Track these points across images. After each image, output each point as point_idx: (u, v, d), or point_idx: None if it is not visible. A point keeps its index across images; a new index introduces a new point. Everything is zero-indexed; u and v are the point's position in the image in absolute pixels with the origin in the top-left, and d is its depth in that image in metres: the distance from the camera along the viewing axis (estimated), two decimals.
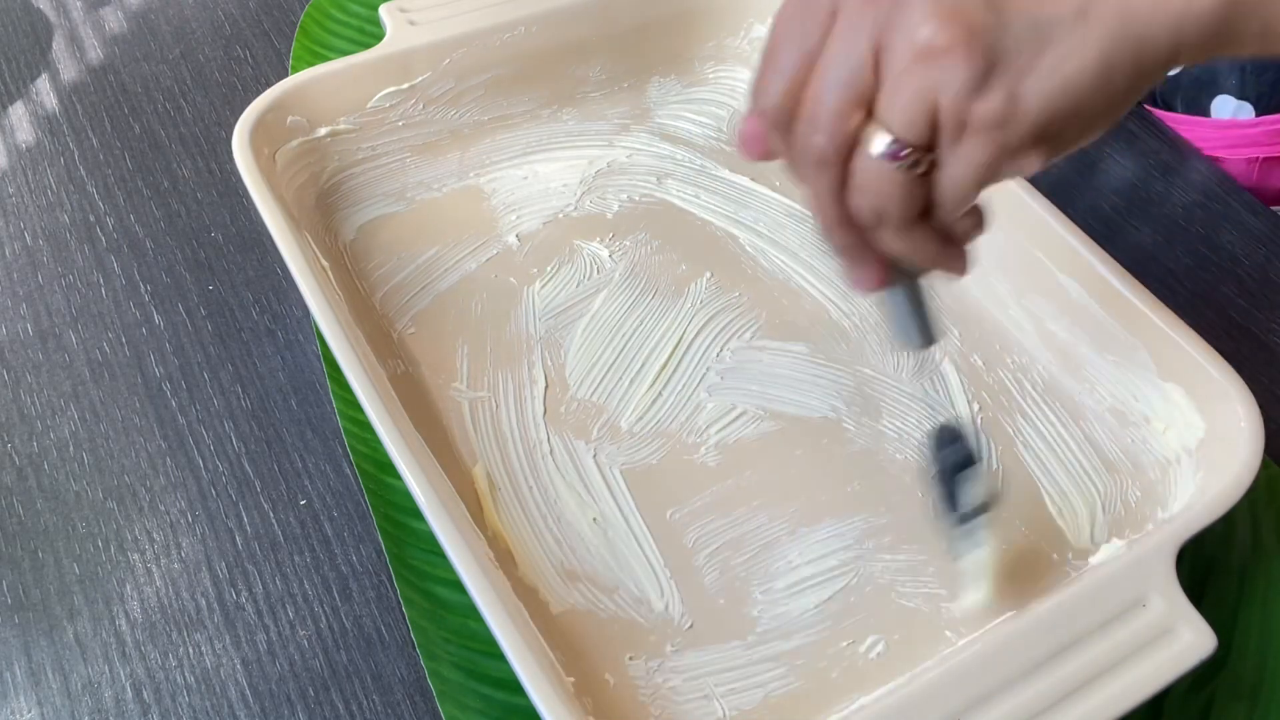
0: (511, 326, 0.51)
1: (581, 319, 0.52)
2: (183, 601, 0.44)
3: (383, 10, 0.56)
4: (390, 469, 0.46)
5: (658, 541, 0.44)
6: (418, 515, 0.42)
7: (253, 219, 0.57)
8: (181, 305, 0.54)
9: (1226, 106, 0.63)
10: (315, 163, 0.54)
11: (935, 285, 0.36)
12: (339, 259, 0.53)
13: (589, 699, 0.38)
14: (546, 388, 0.49)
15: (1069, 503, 0.46)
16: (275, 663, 0.43)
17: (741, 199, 0.57)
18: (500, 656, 0.36)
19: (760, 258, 0.55)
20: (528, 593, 0.42)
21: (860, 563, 0.44)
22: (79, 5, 0.70)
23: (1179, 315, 0.45)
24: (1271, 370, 0.53)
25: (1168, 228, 0.59)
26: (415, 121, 0.57)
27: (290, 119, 0.53)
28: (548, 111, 0.60)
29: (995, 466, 0.47)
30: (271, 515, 0.47)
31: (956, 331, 0.52)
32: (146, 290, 0.54)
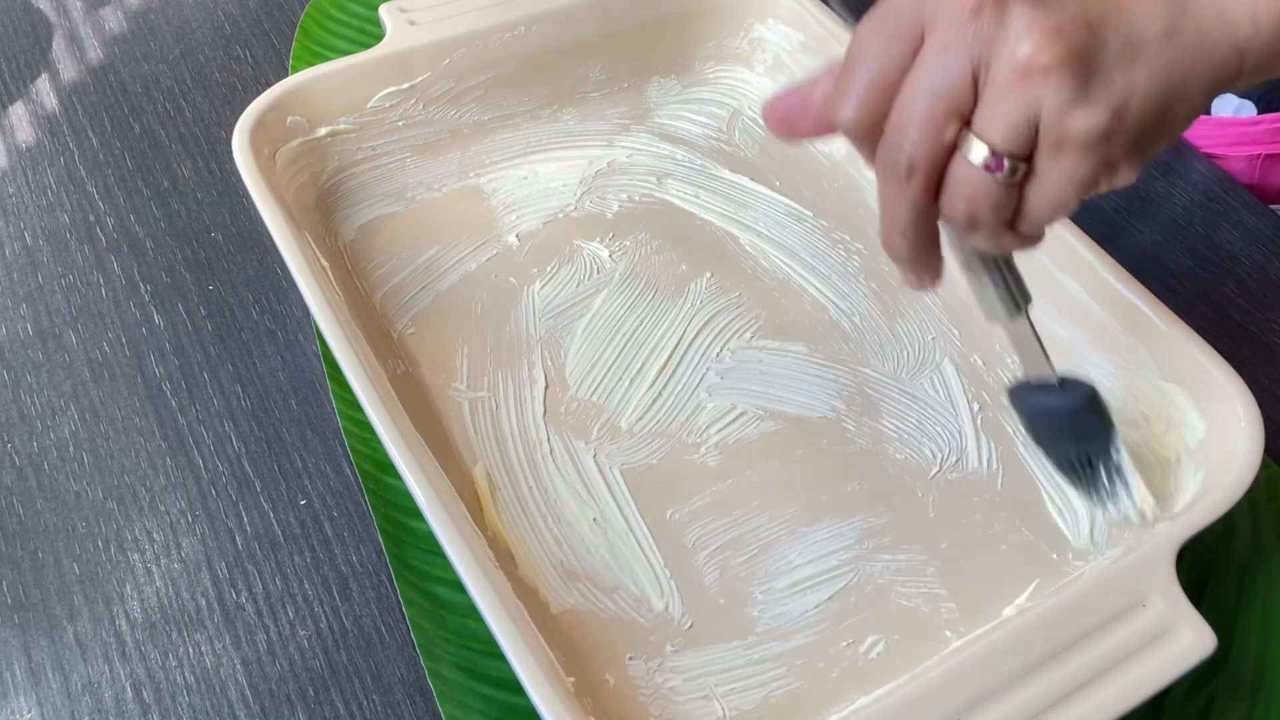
0: (511, 326, 0.51)
1: (581, 319, 0.52)
2: (183, 601, 0.44)
3: (383, 10, 0.56)
4: (390, 469, 0.46)
5: (658, 541, 0.44)
6: (418, 515, 0.42)
7: (253, 219, 0.57)
8: (181, 305, 0.54)
9: (1228, 104, 0.63)
10: (315, 163, 0.54)
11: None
12: (339, 259, 0.53)
13: (589, 699, 0.38)
14: (546, 388, 0.49)
15: (1069, 503, 0.46)
16: (275, 663, 0.43)
17: (741, 199, 0.57)
18: (500, 656, 0.36)
19: (760, 258, 0.55)
20: (528, 593, 0.42)
21: (860, 563, 0.44)
22: (79, 5, 0.70)
23: (1179, 315, 0.45)
24: (1271, 370, 0.53)
25: (1168, 228, 0.59)
26: (415, 121, 0.57)
27: (290, 119, 0.53)
28: (548, 111, 0.60)
29: (993, 466, 0.47)
30: (271, 515, 0.47)
31: (956, 332, 0.52)
32: (146, 290, 0.54)
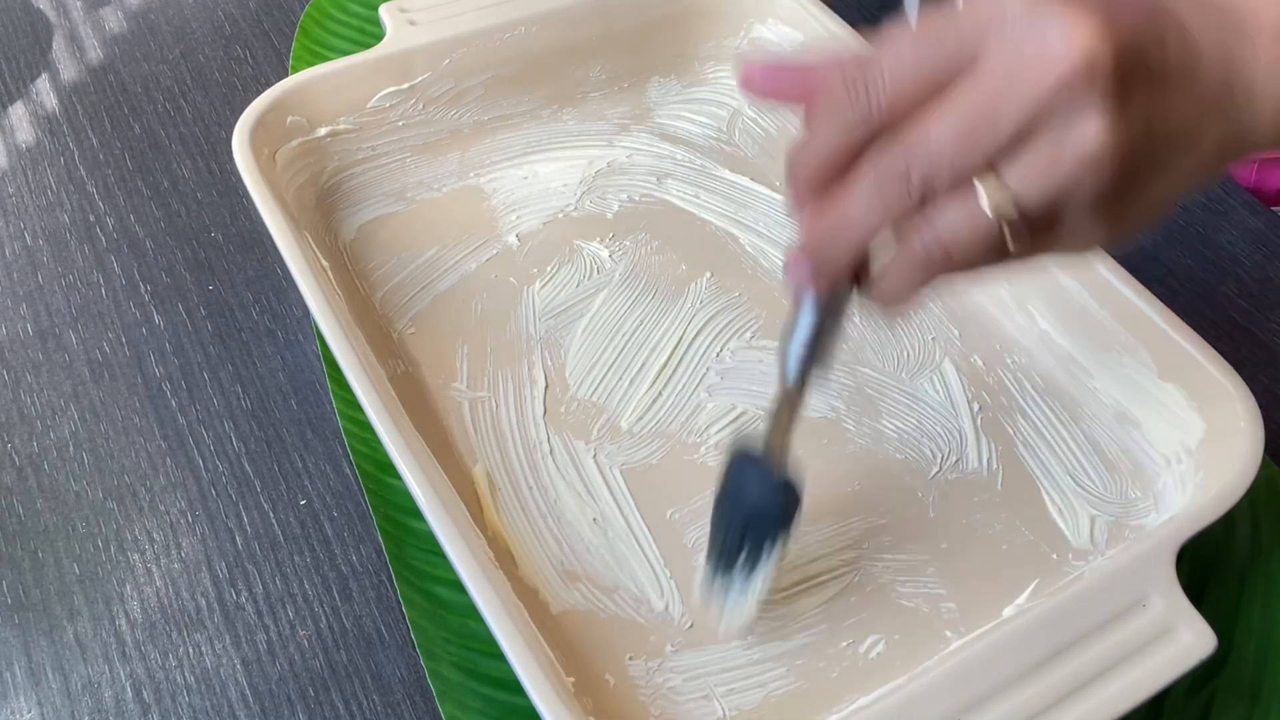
0: (511, 326, 0.51)
1: (581, 319, 0.52)
2: (183, 601, 0.44)
3: (383, 10, 0.56)
4: (390, 469, 0.46)
5: (658, 541, 0.44)
6: (418, 515, 0.42)
7: (253, 219, 0.57)
8: (181, 305, 0.54)
9: None
10: (315, 163, 0.54)
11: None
12: (339, 259, 0.53)
13: (589, 699, 0.38)
14: (546, 388, 0.49)
15: (1069, 503, 0.46)
16: (275, 663, 0.43)
17: (741, 199, 0.57)
18: (500, 656, 0.36)
19: (760, 258, 0.55)
20: (528, 593, 0.42)
21: (860, 563, 0.44)
22: (79, 5, 0.70)
23: (1179, 315, 0.45)
24: (1271, 370, 0.53)
25: (1168, 228, 0.59)
26: (415, 121, 0.57)
27: (290, 119, 0.53)
28: (548, 111, 0.60)
29: (993, 466, 0.47)
30: (271, 515, 0.47)
31: (956, 332, 0.52)
32: (146, 290, 0.54)
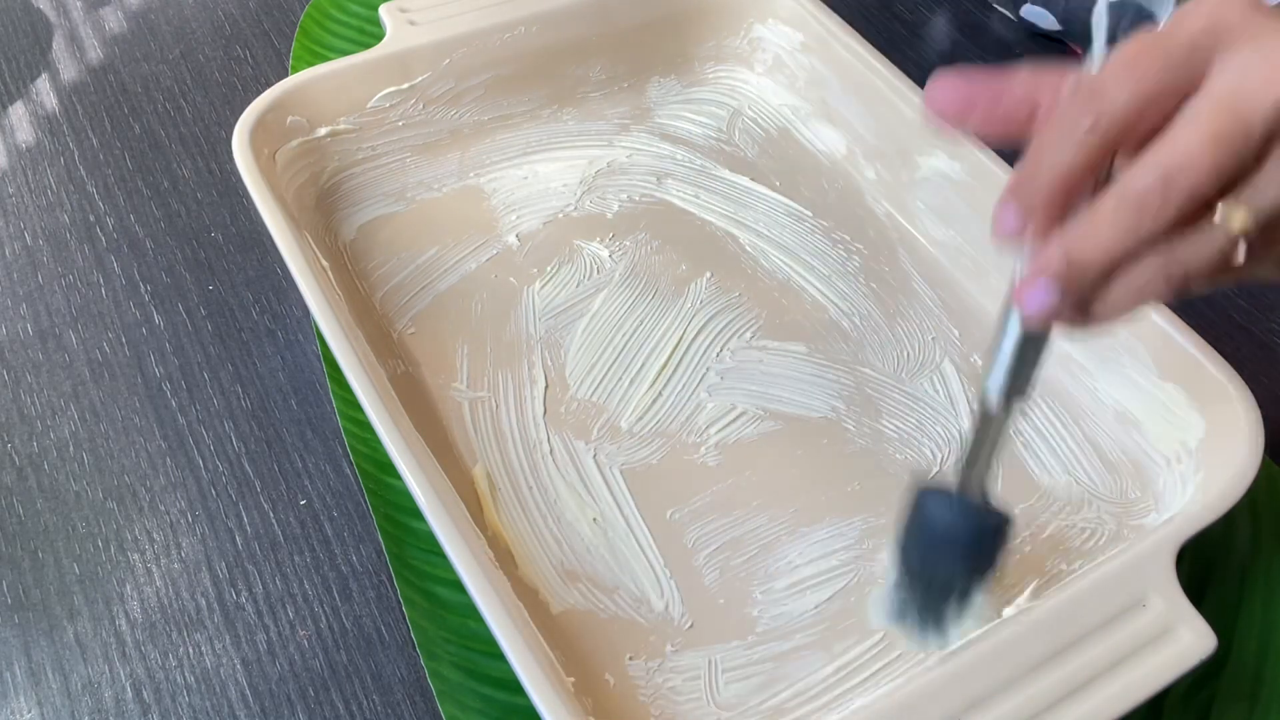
0: (511, 326, 0.51)
1: (581, 319, 0.52)
2: (183, 601, 0.44)
3: (383, 10, 0.56)
4: (390, 469, 0.46)
5: (658, 541, 0.44)
6: (418, 515, 0.42)
7: (253, 219, 0.57)
8: (181, 305, 0.54)
9: None
10: (315, 163, 0.54)
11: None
12: (339, 259, 0.53)
13: (589, 699, 0.38)
14: (546, 388, 0.49)
15: (1069, 503, 0.46)
16: (275, 663, 0.43)
17: (741, 199, 0.57)
18: (500, 656, 0.36)
19: (760, 258, 0.55)
20: (528, 593, 0.42)
21: (860, 563, 0.44)
22: (79, 5, 0.70)
23: (1179, 315, 0.45)
24: (1271, 370, 0.53)
25: None
26: (415, 121, 0.57)
27: (290, 119, 0.53)
28: (548, 111, 0.60)
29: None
30: (271, 515, 0.47)
31: (956, 332, 0.52)
32: (146, 290, 0.54)
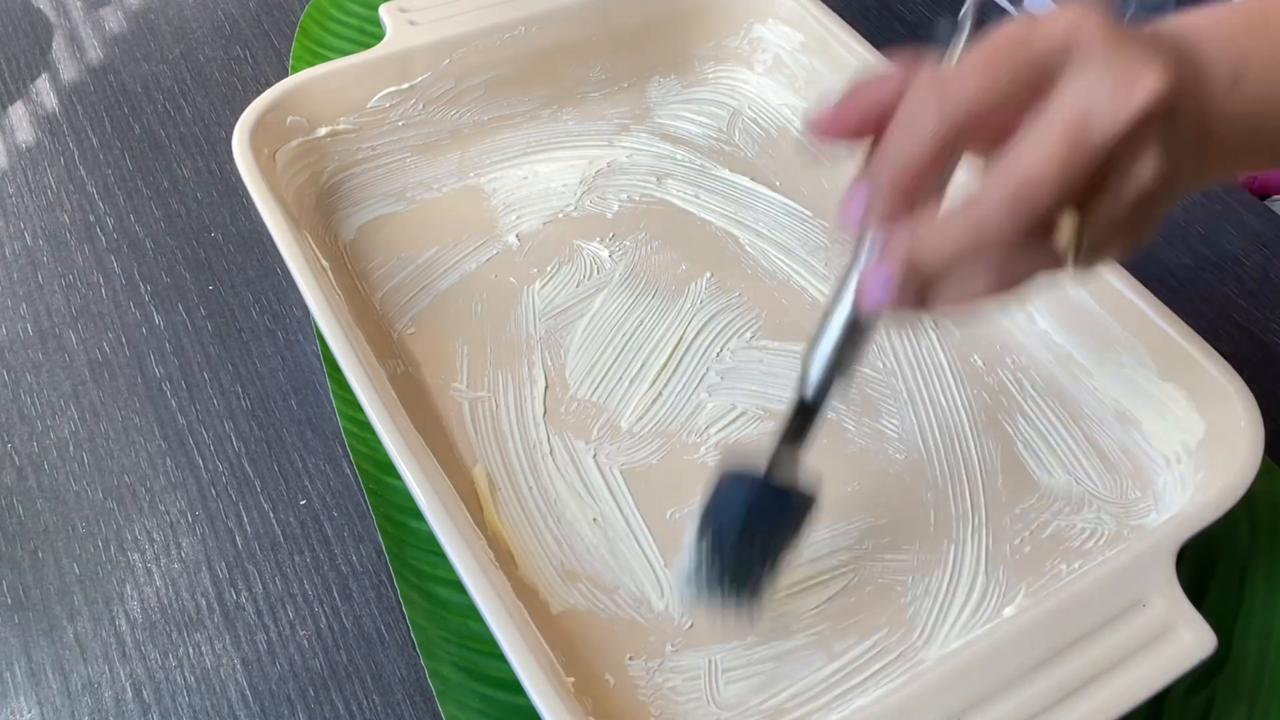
0: (511, 326, 0.51)
1: (581, 319, 0.52)
2: (183, 601, 0.44)
3: (383, 10, 0.56)
4: (390, 469, 0.46)
5: (658, 541, 0.44)
6: (418, 515, 0.42)
7: (253, 219, 0.57)
8: (181, 305, 0.54)
9: None
10: (315, 163, 0.54)
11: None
12: (339, 259, 0.53)
13: (589, 699, 0.38)
14: (546, 388, 0.49)
15: (1069, 502, 0.46)
16: (275, 663, 0.43)
17: (741, 199, 0.57)
18: (500, 656, 0.36)
19: (760, 258, 0.55)
20: (528, 593, 0.42)
21: (860, 563, 0.44)
22: (79, 5, 0.70)
23: (1179, 315, 0.45)
24: (1271, 370, 0.53)
25: (1168, 228, 0.59)
26: (415, 121, 0.57)
27: (290, 119, 0.53)
28: (548, 111, 0.60)
29: (993, 466, 0.47)
30: (271, 515, 0.47)
31: (957, 332, 0.52)
32: (146, 290, 0.54)
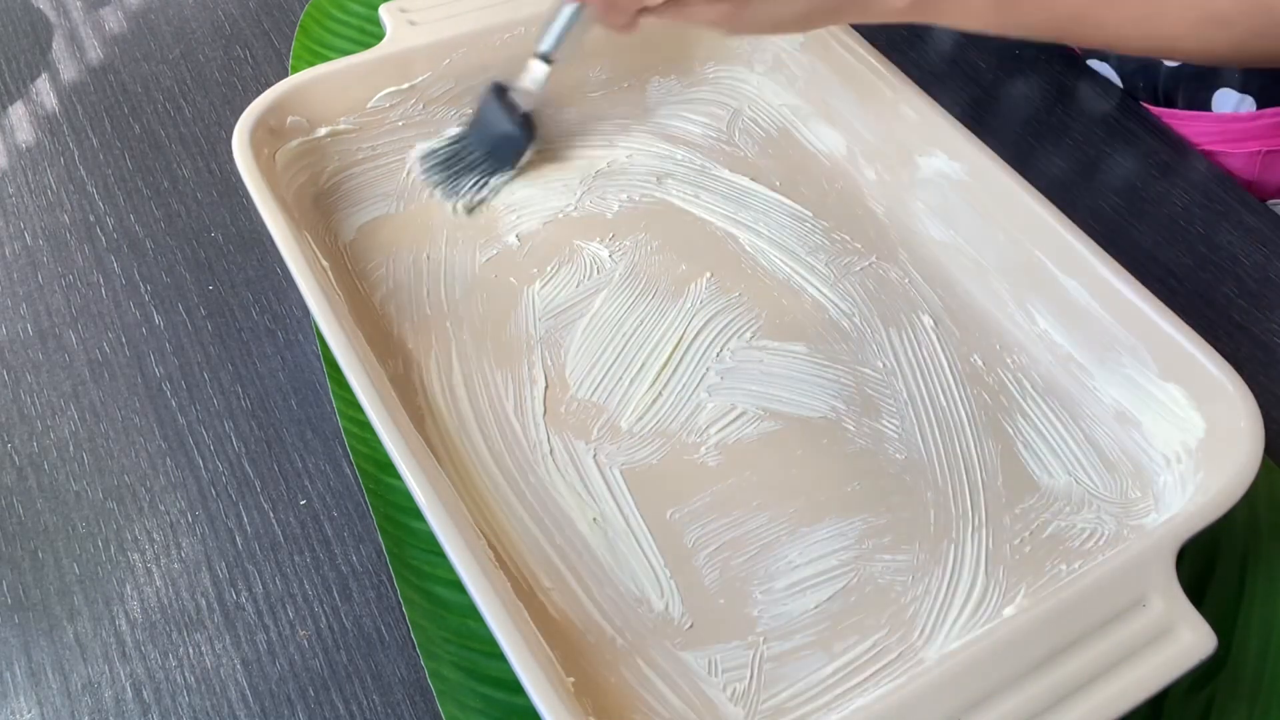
0: (511, 326, 0.51)
1: (581, 319, 0.52)
2: (183, 601, 0.44)
3: (383, 10, 0.56)
4: (390, 469, 0.46)
5: (658, 541, 0.44)
6: (418, 515, 0.42)
7: (253, 219, 0.57)
8: (181, 305, 0.54)
9: (1228, 100, 0.63)
10: (315, 163, 0.54)
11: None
12: (339, 259, 0.53)
13: (589, 699, 0.38)
14: (546, 388, 0.49)
15: (1070, 502, 0.46)
16: (275, 663, 0.43)
17: (741, 199, 0.57)
18: (500, 656, 0.36)
19: (760, 258, 0.55)
20: (527, 593, 0.42)
21: (860, 563, 0.44)
22: (79, 5, 0.70)
23: (1179, 315, 0.45)
24: (1271, 370, 0.53)
25: (1168, 228, 0.59)
26: (415, 121, 0.57)
27: (290, 119, 0.53)
28: (548, 112, 0.60)
29: (993, 466, 0.47)
30: (271, 515, 0.47)
31: (957, 332, 0.52)
32: (146, 290, 0.54)
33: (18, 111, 0.63)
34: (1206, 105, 0.64)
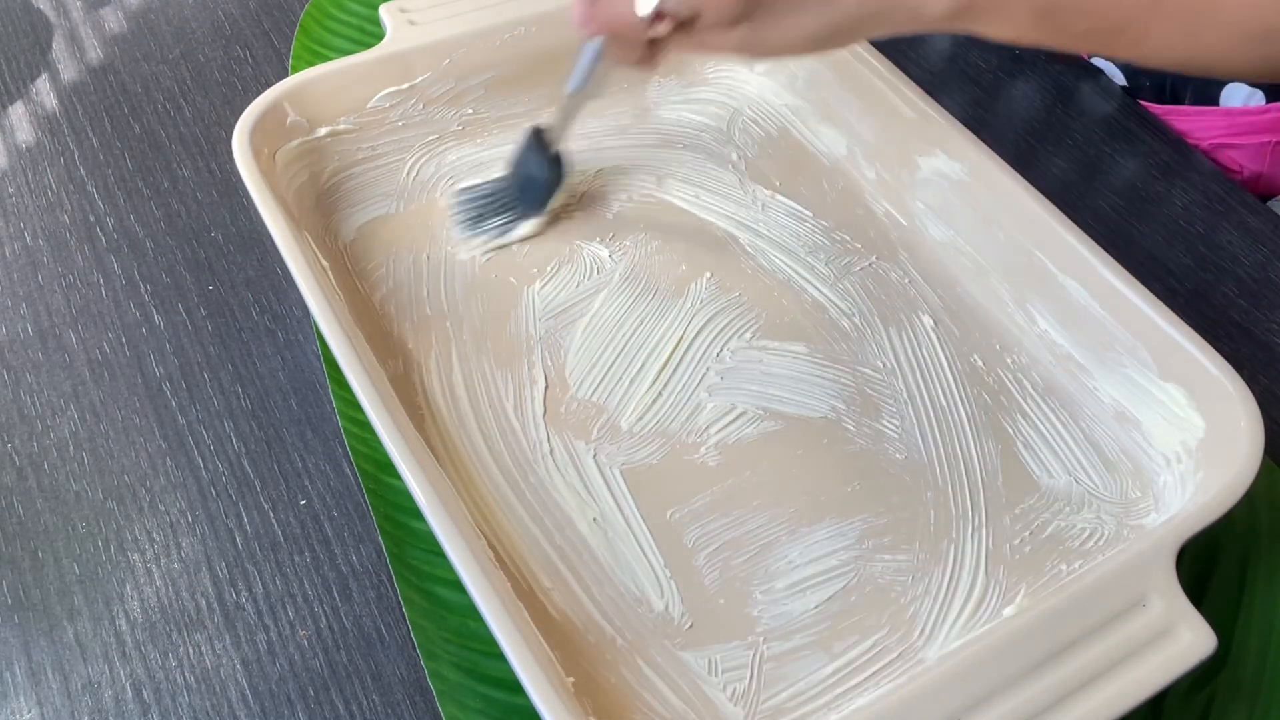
0: (511, 326, 0.51)
1: (581, 319, 0.52)
2: (183, 601, 0.44)
3: (383, 10, 0.56)
4: (390, 469, 0.46)
5: (658, 541, 0.44)
6: (418, 515, 0.42)
7: (253, 219, 0.57)
8: (181, 305, 0.54)
9: (1238, 94, 0.63)
10: (315, 163, 0.54)
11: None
12: (339, 259, 0.53)
13: (589, 699, 0.38)
14: (546, 388, 0.49)
15: (1070, 502, 0.46)
16: (275, 663, 0.43)
17: (741, 199, 0.57)
18: (500, 656, 0.36)
19: (760, 258, 0.55)
20: (527, 593, 0.42)
21: (860, 563, 0.44)
22: (79, 5, 0.70)
23: (1179, 315, 0.45)
24: (1271, 370, 0.53)
25: (1168, 228, 0.59)
26: (415, 121, 0.57)
27: (290, 119, 0.53)
28: (548, 111, 0.60)
29: (993, 466, 0.47)
30: (271, 515, 0.47)
31: (957, 332, 0.52)
32: (146, 290, 0.54)
33: (18, 111, 0.63)
34: (1215, 100, 0.64)
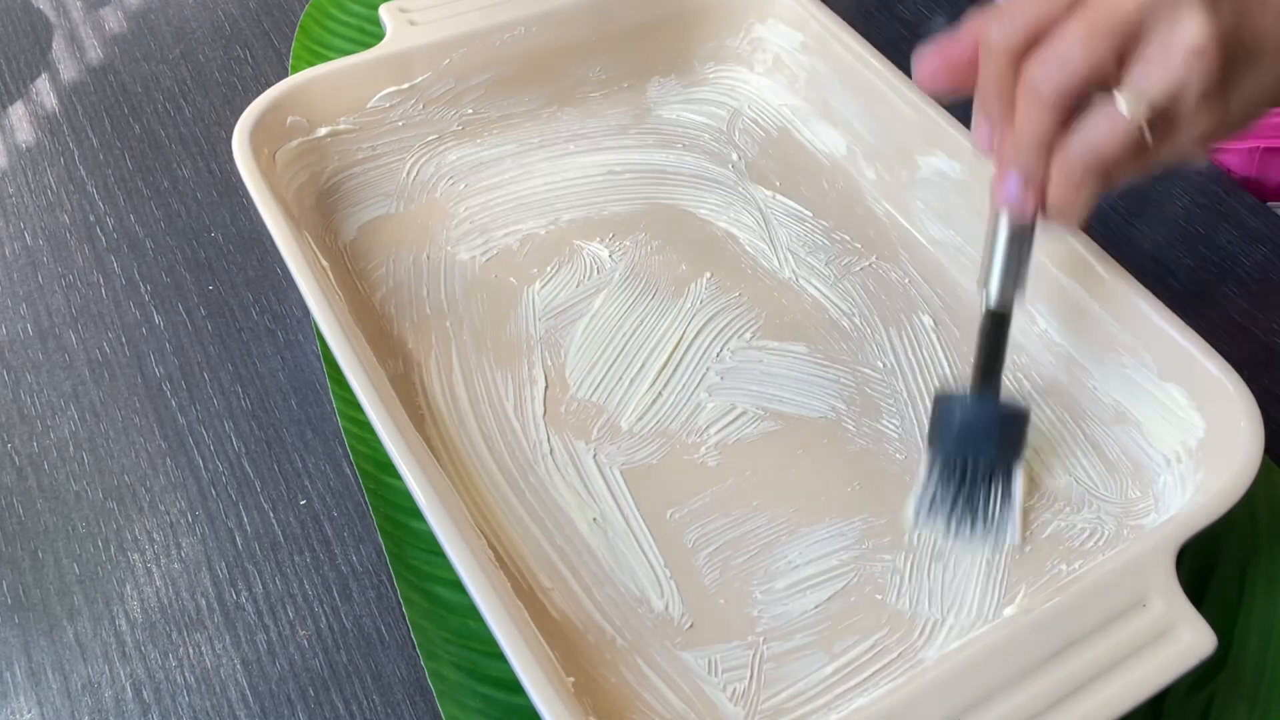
0: (511, 326, 0.51)
1: (581, 319, 0.52)
2: (183, 601, 0.44)
3: (383, 10, 0.56)
4: (390, 469, 0.46)
5: (658, 541, 0.44)
6: (418, 515, 0.42)
7: (253, 219, 0.57)
8: (181, 305, 0.54)
9: None
10: (315, 163, 0.54)
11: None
12: (339, 259, 0.53)
13: (589, 699, 0.38)
14: (546, 388, 0.49)
15: (1070, 502, 0.46)
16: (275, 663, 0.43)
17: (742, 199, 0.57)
18: (500, 656, 0.36)
19: (760, 258, 0.55)
20: (527, 593, 0.42)
21: (860, 563, 0.44)
22: (79, 5, 0.70)
23: (1179, 316, 0.45)
24: (1271, 370, 0.53)
25: (1168, 228, 0.59)
26: (415, 121, 0.57)
27: (290, 119, 0.53)
28: (548, 111, 0.60)
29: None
30: (271, 515, 0.47)
31: (957, 332, 0.52)
32: (146, 290, 0.54)
33: (18, 111, 0.63)
34: None
